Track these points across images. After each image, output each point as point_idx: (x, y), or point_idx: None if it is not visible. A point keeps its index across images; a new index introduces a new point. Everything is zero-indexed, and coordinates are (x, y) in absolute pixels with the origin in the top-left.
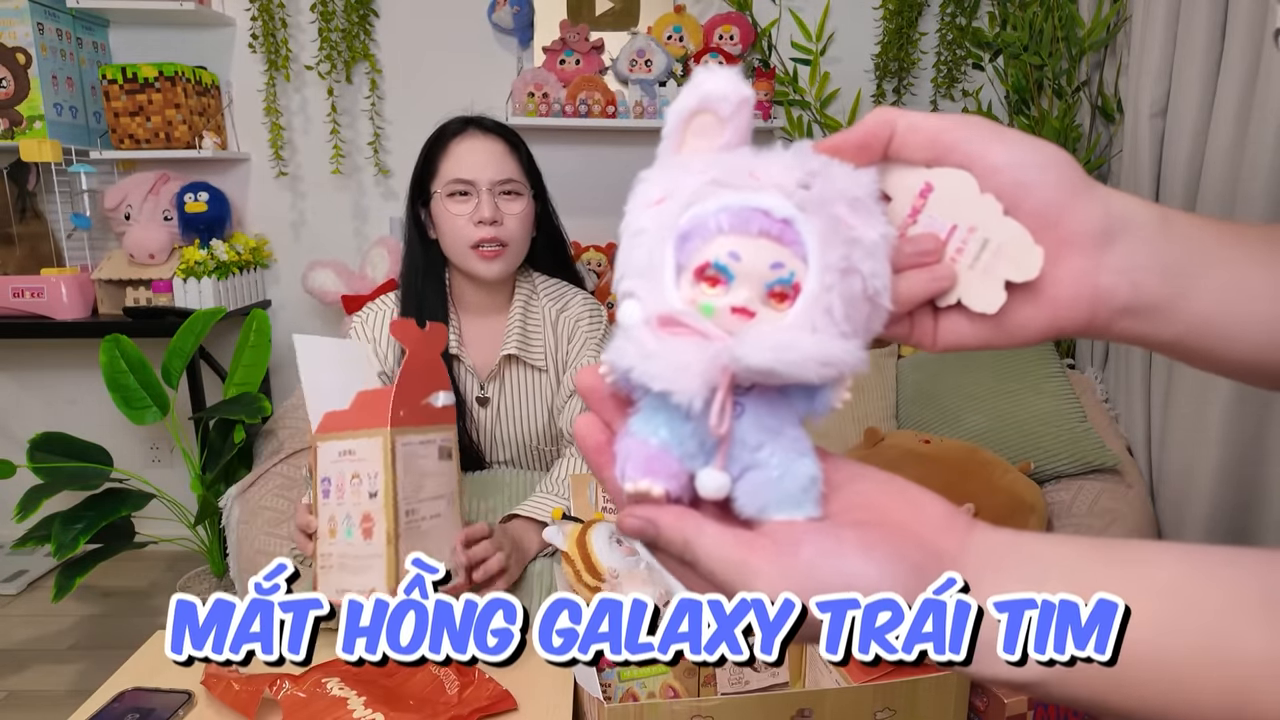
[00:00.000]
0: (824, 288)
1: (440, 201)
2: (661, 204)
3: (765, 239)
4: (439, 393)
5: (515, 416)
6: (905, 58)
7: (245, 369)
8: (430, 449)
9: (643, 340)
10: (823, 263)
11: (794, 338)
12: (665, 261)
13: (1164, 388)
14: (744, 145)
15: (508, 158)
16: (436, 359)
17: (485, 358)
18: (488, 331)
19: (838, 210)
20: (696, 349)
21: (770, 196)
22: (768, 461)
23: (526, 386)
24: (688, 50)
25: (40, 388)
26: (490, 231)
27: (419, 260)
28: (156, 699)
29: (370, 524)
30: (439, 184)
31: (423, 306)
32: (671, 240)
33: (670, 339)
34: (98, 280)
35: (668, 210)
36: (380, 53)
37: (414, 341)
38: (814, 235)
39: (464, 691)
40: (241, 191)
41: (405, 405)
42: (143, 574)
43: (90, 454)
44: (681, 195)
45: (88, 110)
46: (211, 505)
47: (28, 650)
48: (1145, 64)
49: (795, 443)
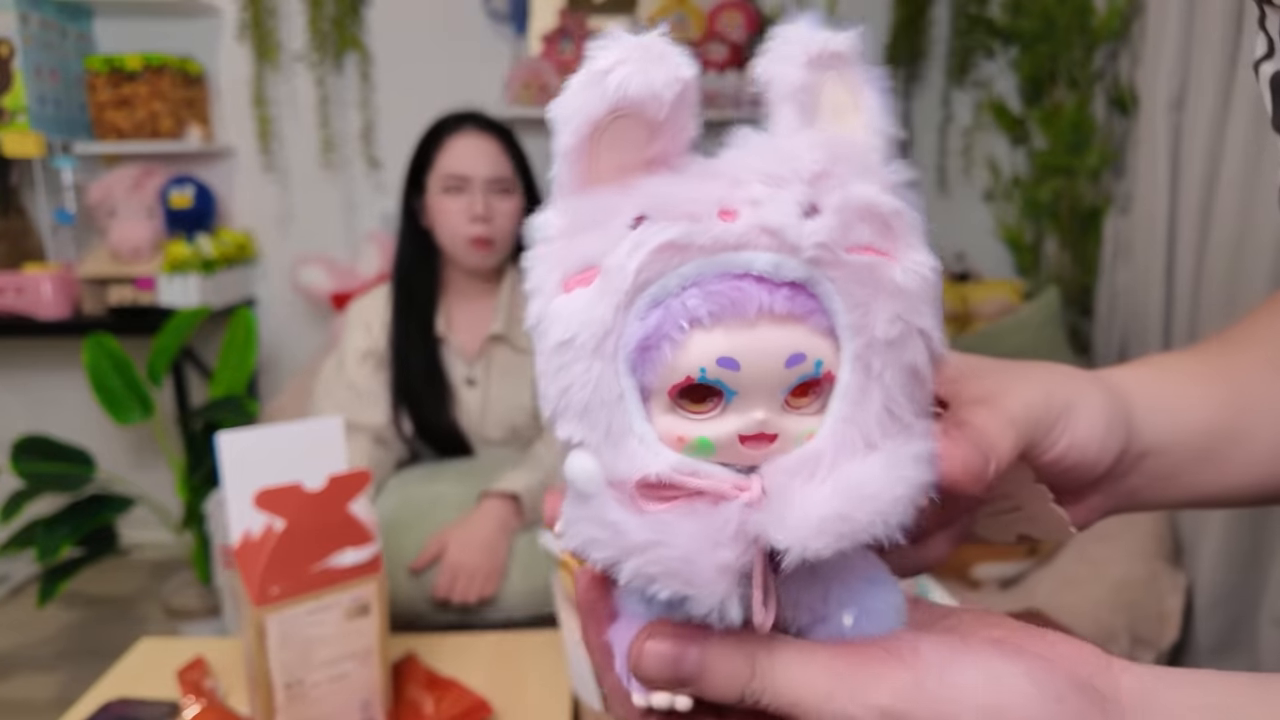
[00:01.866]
0: (870, 377)
1: (435, 195)
2: (588, 283)
3: (769, 322)
4: (347, 550)
5: (502, 397)
6: (916, 46)
7: (231, 369)
8: (327, 615)
9: (620, 523)
10: (865, 339)
11: (849, 486)
12: (621, 395)
13: None
14: (685, 153)
15: (501, 156)
16: (342, 515)
17: (472, 339)
18: (476, 314)
19: (865, 240)
20: (707, 523)
21: (762, 253)
22: (835, 614)
23: (513, 368)
24: (690, 38)
25: (22, 389)
26: (482, 229)
27: (411, 247)
28: (142, 710)
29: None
30: (434, 177)
31: (414, 292)
32: (623, 358)
33: (663, 516)
34: (81, 278)
35: (604, 300)
36: (371, 41)
37: (295, 509)
38: (840, 297)
39: (439, 704)
40: (228, 185)
41: (283, 579)
42: (128, 580)
43: (73, 457)
44: (622, 271)
45: (72, 103)
46: (197, 510)
47: (11, 657)
48: (1161, 54)
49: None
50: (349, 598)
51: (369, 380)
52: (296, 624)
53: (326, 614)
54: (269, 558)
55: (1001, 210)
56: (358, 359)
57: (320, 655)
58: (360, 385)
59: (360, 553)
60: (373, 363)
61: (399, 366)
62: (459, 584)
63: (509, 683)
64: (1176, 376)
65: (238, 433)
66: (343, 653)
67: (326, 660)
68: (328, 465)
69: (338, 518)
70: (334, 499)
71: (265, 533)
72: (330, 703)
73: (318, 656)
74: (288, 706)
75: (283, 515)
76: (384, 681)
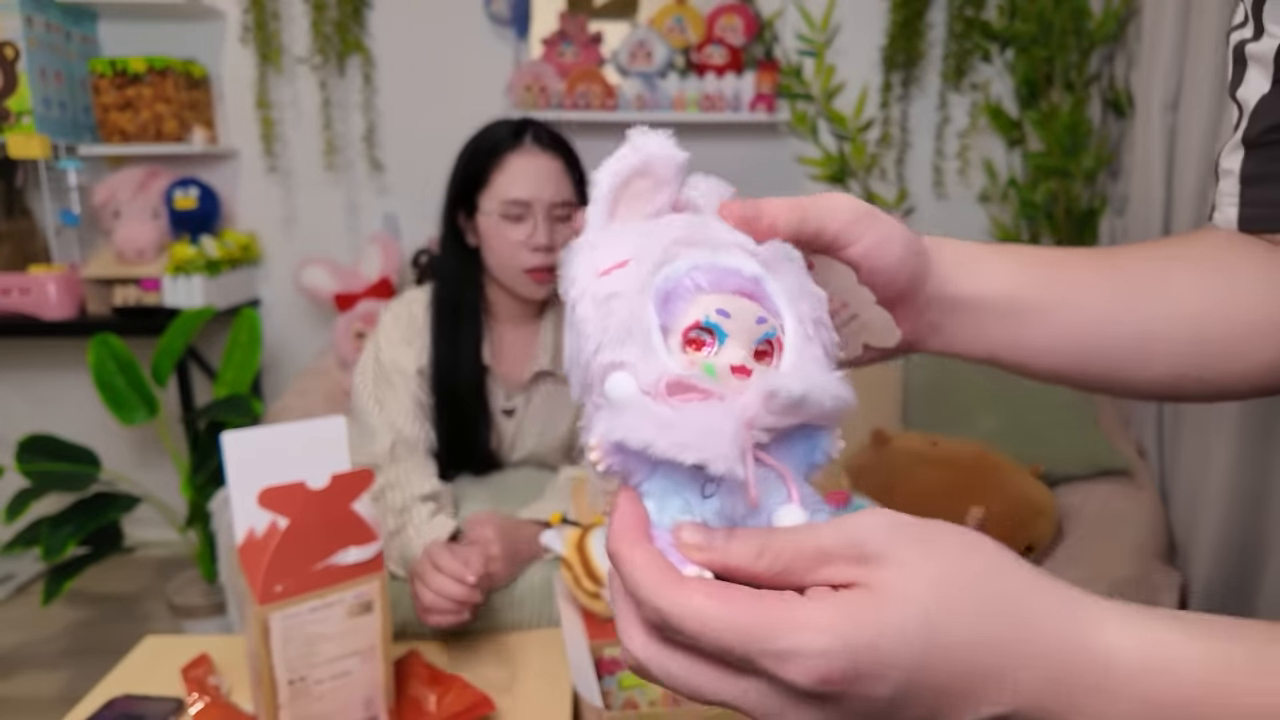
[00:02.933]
0: (806, 337)
1: (491, 219)
2: (625, 267)
3: (743, 297)
4: (350, 549)
5: (535, 428)
6: (913, 49)
7: (236, 369)
8: (330, 612)
9: (655, 411)
10: (797, 315)
11: (808, 372)
12: (651, 325)
13: None
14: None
15: (564, 177)
16: (346, 513)
17: (516, 369)
18: (520, 342)
19: (792, 268)
20: (720, 411)
21: (737, 256)
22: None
23: (555, 400)
24: (689, 41)
25: (27, 388)
26: (545, 259)
27: (456, 268)
28: (146, 706)
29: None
30: (491, 200)
31: (460, 316)
32: (652, 302)
33: (686, 406)
34: (86, 278)
35: (638, 272)
36: (374, 44)
37: (298, 508)
38: (783, 292)
39: (441, 700)
40: (232, 187)
41: (287, 577)
42: (132, 578)
43: (78, 456)
44: (650, 256)
45: (76, 105)
46: (201, 508)
47: (16, 655)
48: (1156, 57)
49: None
50: (352, 595)
51: (429, 397)
52: (300, 621)
53: (330, 611)
54: (273, 556)
55: (998, 212)
56: (413, 376)
57: (323, 652)
58: (424, 402)
59: (363, 551)
60: (426, 381)
61: (441, 391)
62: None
63: (511, 679)
64: (988, 251)
65: (242, 432)
66: (346, 650)
67: (330, 657)
68: (331, 464)
69: (341, 516)
70: (337, 497)
71: (269, 531)
72: (333, 699)
73: (321, 653)
74: (291, 703)
75: (286, 514)
76: (386, 678)
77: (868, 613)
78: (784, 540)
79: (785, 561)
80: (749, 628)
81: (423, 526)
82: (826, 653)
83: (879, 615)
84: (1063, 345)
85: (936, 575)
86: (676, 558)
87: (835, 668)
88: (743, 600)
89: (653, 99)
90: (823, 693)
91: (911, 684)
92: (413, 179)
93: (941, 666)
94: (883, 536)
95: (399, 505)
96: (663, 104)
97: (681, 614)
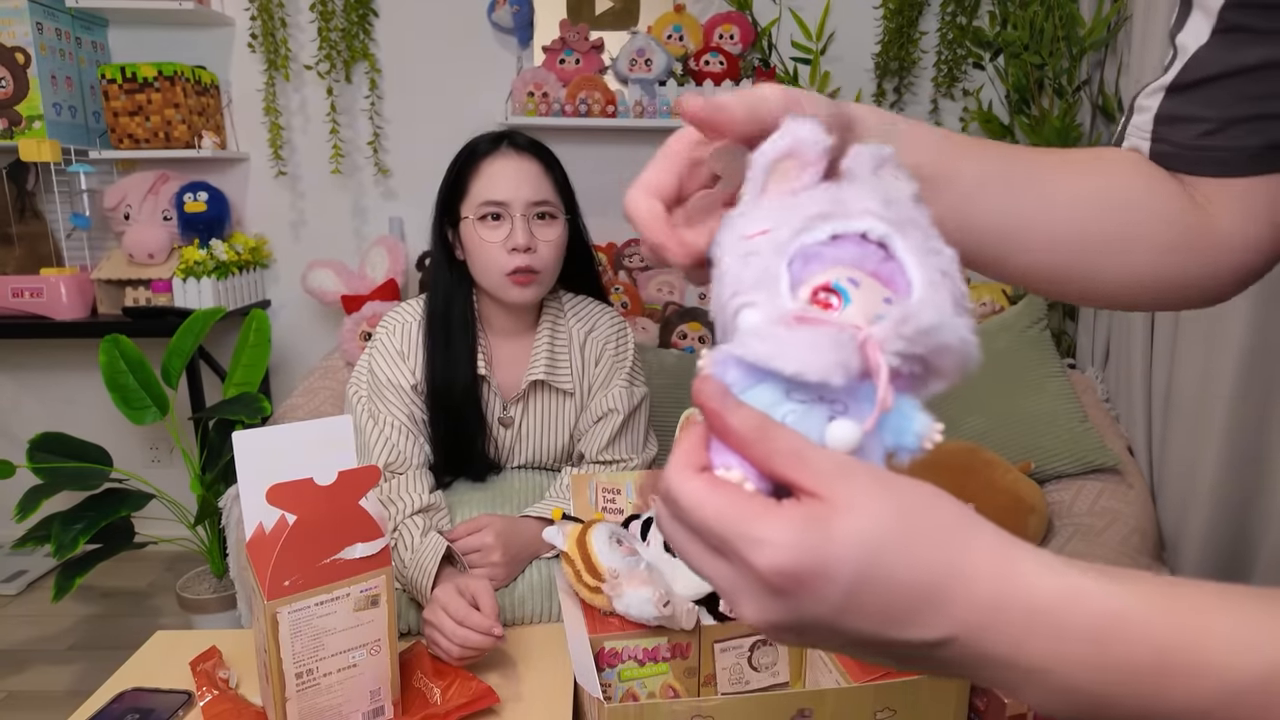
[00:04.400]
0: (933, 284)
1: (471, 225)
2: (767, 234)
3: (876, 279)
4: (356, 544)
5: (536, 437)
6: (906, 57)
7: (245, 369)
8: (338, 605)
9: (772, 332)
10: (924, 268)
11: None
12: (781, 275)
13: (1165, 387)
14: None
15: (542, 178)
16: (353, 509)
17: (512, 379)
18: (515, 352)
19: (918, 229)
20: (829, 334)
21: (867, 220)
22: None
23: (552, 409)
24: (688, 49)
25: (40, 388)
26: (524, 260)
27: (446, 282)
28: (156, 699)
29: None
30: (469, 206)
31: (450, 329)
32: (785, 260)
33: (802, 328)
34: (97, 280)
35: (778, 237)
36: (380, 52)
37: (306, 504)
38: (910, 250)
39: (445, 692)
40: (241, 191)
41: (295, 572)
42: (142, 574)
43: (90, 454)
44: (789, 225)
45: (87, 110)
46: (211, 505)
47: (27, 650)
48: (1146, 63)
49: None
50: (359, 590)
51: (424, 411)
52: (308, 615)
53: (337, 605)
54: (281, 551)
55: None
56: (407, 391)
57: (331, 645)
58: (419, 417)
59: (370, 546)
60: (422, 395)
61: (436, 405)
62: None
63: (514, 672)
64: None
65: (252, 431)
66: (353, 643)
67: (337, 650)
68: (338, 461)
69: (348, 512)
70: (344, 494)
71: (278, 527)
72: (340, 691)
73: (328, 647)
74: (299, 696)
75: (295, 510)
76: (393, 671)
77: (823, 519)
78: (781, 432)
79: (772, 446)
80: (726, 512)
81: (414, 544)
82: (784, 544)
83: (831, 523)
84: (951, 216)
85: (892, 504)
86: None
87: (790, 558)
88: (729, 492)
89: (652, 106)
90: (780, 586)
91: (856, 592)
92: (418, 183)
93: (884, 580)
94: (857, 465)
95: (391, 524)
96: (662, 111)
97: (679, 491)
